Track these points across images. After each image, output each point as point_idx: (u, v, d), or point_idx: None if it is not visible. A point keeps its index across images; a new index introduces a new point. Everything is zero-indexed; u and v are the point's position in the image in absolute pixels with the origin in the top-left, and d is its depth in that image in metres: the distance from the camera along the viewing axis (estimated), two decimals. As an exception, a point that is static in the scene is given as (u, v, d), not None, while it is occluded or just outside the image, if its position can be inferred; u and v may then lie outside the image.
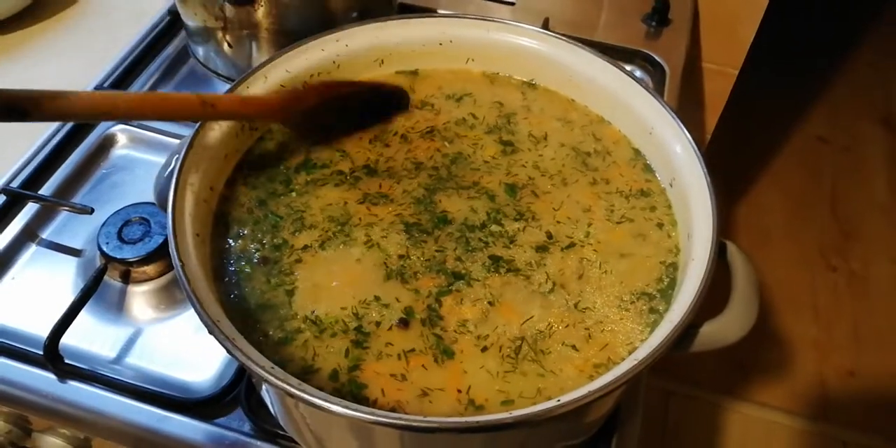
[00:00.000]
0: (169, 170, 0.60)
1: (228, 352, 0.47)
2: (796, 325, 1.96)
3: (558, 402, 0.45)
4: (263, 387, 0.60)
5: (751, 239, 2.11)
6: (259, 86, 0.64)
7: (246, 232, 0.61)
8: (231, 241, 0.61)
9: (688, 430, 1.77)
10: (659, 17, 1.07)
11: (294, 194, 0.64)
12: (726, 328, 0.54)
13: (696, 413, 1.79)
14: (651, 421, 1.76)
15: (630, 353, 0.53)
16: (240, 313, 0.56)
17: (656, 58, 1.04)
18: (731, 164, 2.27)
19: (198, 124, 0.59)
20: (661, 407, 1.79)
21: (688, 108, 1.27)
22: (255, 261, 0.59)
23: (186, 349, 0.76)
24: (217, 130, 0.60)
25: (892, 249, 2.15)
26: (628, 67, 0.73)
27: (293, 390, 0.45)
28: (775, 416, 1.79)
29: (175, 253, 0.51)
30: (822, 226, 2.20)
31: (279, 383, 0.46)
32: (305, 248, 0.60)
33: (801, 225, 2.19)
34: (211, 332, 0.48)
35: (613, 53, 0.67)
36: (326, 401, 0.45)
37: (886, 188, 2.31)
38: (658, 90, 0.99)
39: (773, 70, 2.51)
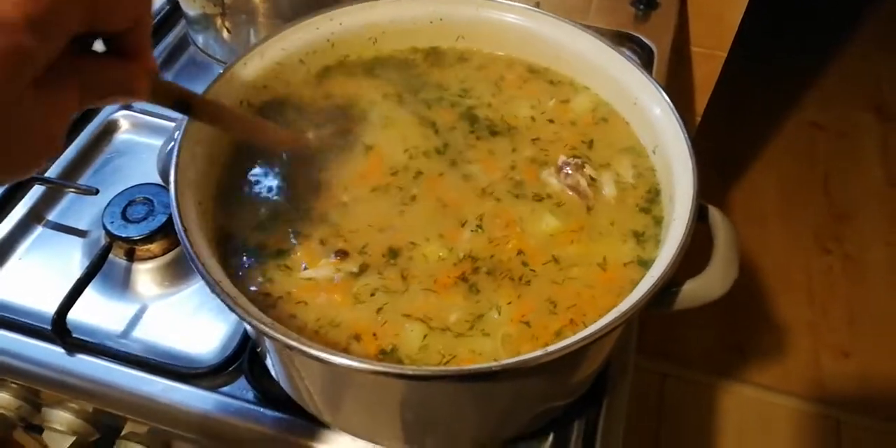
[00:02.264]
0: (172, 144, 0.62)
1: (231, 309, 0.50)
2: (791, 307, 1.99)
3: (545, 351, 0.47)
4: (266, 349, 0.62)
5: (745, 223, 2.13)
6: (255, 63, 0.66)
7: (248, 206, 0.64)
8: (234, 208, 0.63)
9: (684, 413, 1.79)
10: (647, 0, 1.09)
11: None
12: (707, 285, 0.56)
13: (692, 395, 1.81)
14: (647, 404, 1.79)
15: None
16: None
17: (645, 40, 1.06)
18: (726, 149, 2.30)
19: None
20: (657, 389, 1.82)
21: (677, 92, 1.29)
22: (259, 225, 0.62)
23: (191, 323, 0.78)
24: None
25: (886, 232, 2.17)
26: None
27: (291, 342, 0.47)
28: (771, 398, 1.81)
29: (178, 218, 0.53)
30: (817, 210, 2.22)
31: (279, 336, 0.48)
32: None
33: (795, 209, 2.22)
34: (213, 291, 0.50)
35: (602, 36, 0.69)
36: (323, 351, 0.47)
37: (880, 173, 2.34)
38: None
39: (766, 56, 2.54)
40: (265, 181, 0.65)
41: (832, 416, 1.79)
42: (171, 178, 0.54)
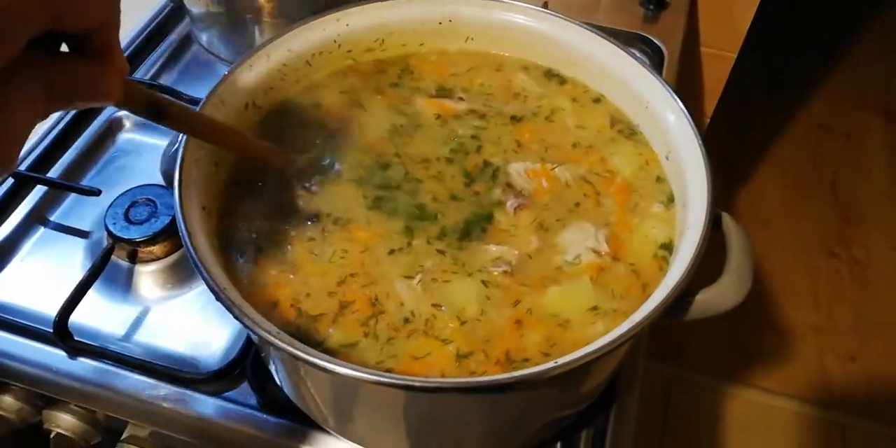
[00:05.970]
0: (175, 146, 0.61)
1: (236, 317, 0.49)
2: (797, 310, 1.97)
3: (556, 364, 0.46)
4: (271, 355, 0.61)
5: (751, 225, 2.12)
6: (262, 64, 0.65)
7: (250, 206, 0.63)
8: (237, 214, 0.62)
9: (689, 416, 1.78)
10: (657, 1, 1.08)
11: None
12: (721, 295, 0.55)
13: (697, 398, 1.80)
14: (653, 406, 1.78)
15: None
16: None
17: (654, 41, 1.05)
18: (733, 150, 2.29)
19: (203, 100, 0.60)
20: (664, 392, 1.81)
21: (686, 93, 1.28)
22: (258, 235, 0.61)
23: (193, 326, 0.77)
24: (222, 107, 0.61)
25: (894, 236, 2.16)
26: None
27: (297, 352, 0.46)
28: (776, 402, 1.80)
29: (182, 224, 0.52)
30: (823, 212, 2.21)
31: (285, 346, 0.47)
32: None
33: (802, 211, 2.21)
34: (218, 300, 0.49)
35: (612, 37, 0.68)
36: (330, 362, 0.46)
37: (887, 176, 2.32)
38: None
39: (774, 58, 2.52)
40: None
41: (838, 420, 1.77)
42: (175, 184, 0.53)
